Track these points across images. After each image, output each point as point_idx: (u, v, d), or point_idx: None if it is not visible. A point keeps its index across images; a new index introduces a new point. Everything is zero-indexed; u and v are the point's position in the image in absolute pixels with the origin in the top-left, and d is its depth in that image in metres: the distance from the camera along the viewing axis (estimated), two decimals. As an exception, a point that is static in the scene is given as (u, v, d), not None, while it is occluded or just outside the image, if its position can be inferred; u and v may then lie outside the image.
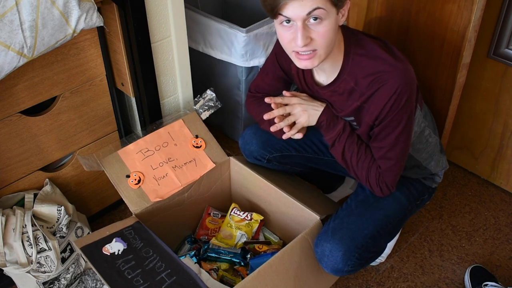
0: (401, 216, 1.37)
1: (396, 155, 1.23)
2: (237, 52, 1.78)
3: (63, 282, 1.46)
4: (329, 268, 1.26)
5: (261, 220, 1.56)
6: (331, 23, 1.09)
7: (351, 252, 1.24)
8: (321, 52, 1.13)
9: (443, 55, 1.58)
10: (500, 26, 1.58)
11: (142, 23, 1.43)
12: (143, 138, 1.49)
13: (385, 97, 1.15)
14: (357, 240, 1.25)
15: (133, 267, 1.19)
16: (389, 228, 1.34)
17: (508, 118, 1.73)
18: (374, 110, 1.19)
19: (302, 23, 1.07)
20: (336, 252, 1.24)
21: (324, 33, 1.09)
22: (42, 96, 1.38)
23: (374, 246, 1.30)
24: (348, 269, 1.25)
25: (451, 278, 1.59)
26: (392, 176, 1.26)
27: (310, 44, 1.11)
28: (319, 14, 1.06)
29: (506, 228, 1.75)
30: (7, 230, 1.33)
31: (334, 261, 1.24)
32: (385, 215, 1.32)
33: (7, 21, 1.08)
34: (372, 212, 1.31)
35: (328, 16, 1.08)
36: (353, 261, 1.24)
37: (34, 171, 1.48)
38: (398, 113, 1.17)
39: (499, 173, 1.86)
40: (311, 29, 1.09)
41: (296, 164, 1.55)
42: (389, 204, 1.34)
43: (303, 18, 1.06)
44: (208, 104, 1.64)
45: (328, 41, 1.11)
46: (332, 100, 1.28)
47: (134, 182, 1.41)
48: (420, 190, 1.41)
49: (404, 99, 1.15)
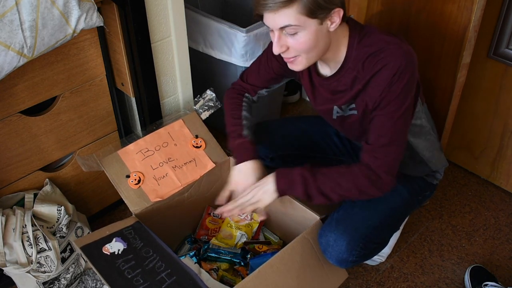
0: (403, 209, 1.38)
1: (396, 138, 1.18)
2: (237, 52, 1.78)
3: (63, 282, 1.46)
4: (334, 258, 1.26)
5: (261, 220, 1.56)
6: (310, 33, 1.09)
7: (355, 241, 1.24)
8: (303, 57, 1.14)
9: (443, 55, 1.58)
10: (500, 26, 1.58)
11: (142, 23, 1.43)
12: (143, 138, 1.49)
13: (386, 77, 1.13)
14: (360, 230, 1.26)
15: (133, 267, 1.19)
16: (392, 220, 1.35)
17: (508, 118, 1.73)
18: (374, 93, 1.16)
19: (278, 32, 1.10)
20: (340, 241, 1.24)
21: (301, 43, 1.10)
22: (42, 96, 1.38)
23: (377, 237, 1.31)
24: (352, 259, 1.26)
25: (451, 278, 1.59)
26: (392, 160, 1.19)
27: (288, 51, 1.13)
28: (291, 30, 1.08)
29: (506, 228, 1.75)
30: (7, 230, 1.33)
31: (338, 251, 1.25)
32: (388, 207, 1.33)
33: (7, 21, 1.08)
34: (375, 204, 1.31)
35: (304, 29, 1.08)
36: (357, 250, 1.25)
37: (34, 171, 1.48)
38: (399, 95, 1.14)
39: (499, 173, 1.86)
40: (288, 39, 1.11)
41: (299, 164, 1.55)
42: (392, 197, 1.34)
43: (278, 29, 1.09)
44: (208, 104, 1.64)
45: (309, 48, 1.12)
46: (335, 88, 1.26)
47: (134, 182, 1.41)
48: (422, 186, 1.42)
49: (405, 79, 1.12)
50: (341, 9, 1.10)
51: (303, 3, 1.04)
